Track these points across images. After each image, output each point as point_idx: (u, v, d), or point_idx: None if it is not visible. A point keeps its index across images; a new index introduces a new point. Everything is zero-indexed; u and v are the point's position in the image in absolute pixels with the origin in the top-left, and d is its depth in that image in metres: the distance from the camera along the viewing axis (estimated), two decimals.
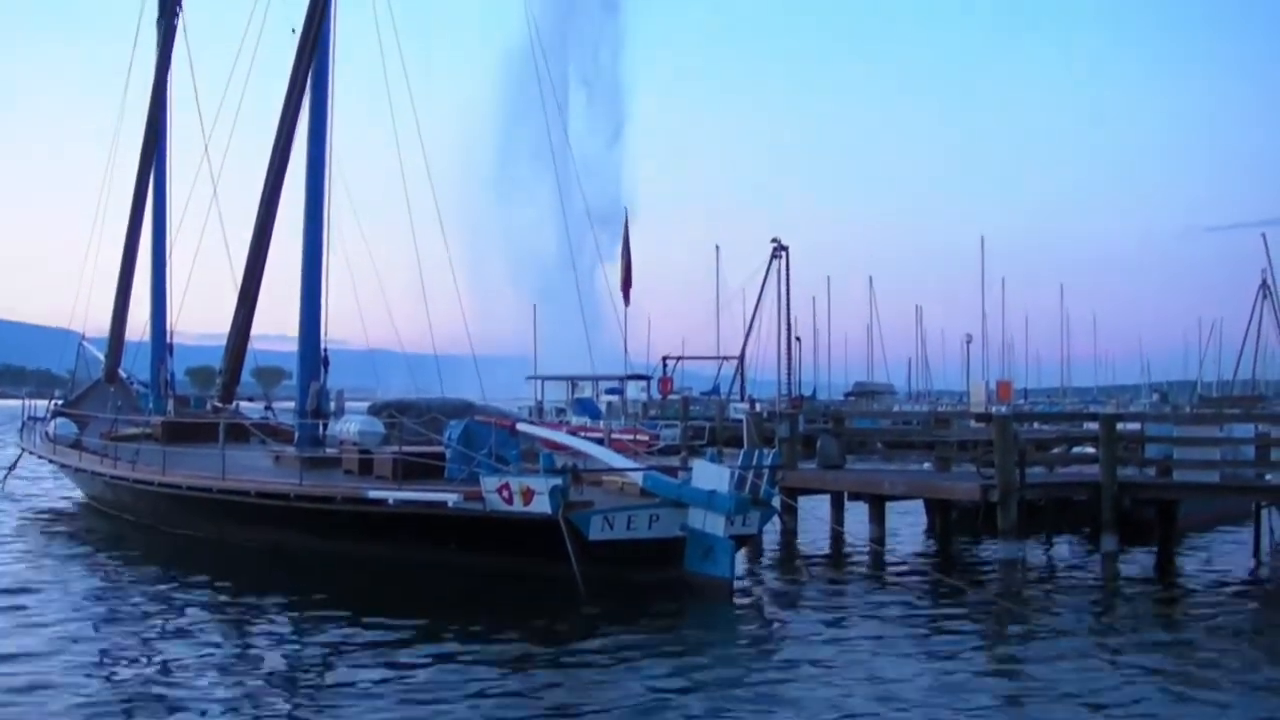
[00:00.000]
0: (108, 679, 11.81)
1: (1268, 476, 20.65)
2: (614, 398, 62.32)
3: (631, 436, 40.28)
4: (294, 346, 24.24)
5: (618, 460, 19.17)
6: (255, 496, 19.16)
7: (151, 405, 31.11)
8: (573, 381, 64.64)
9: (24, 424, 33.33)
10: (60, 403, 34.19)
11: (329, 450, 22.36)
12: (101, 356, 33.07)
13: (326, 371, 23.68)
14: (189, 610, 15.24)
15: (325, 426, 23.47)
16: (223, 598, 16.23)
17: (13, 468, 31.67)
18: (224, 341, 25.65)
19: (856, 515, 22.11)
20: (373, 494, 17.54)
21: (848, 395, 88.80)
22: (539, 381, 67.79)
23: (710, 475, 16.43)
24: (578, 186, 26.32)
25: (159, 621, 14.57)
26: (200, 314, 73.58)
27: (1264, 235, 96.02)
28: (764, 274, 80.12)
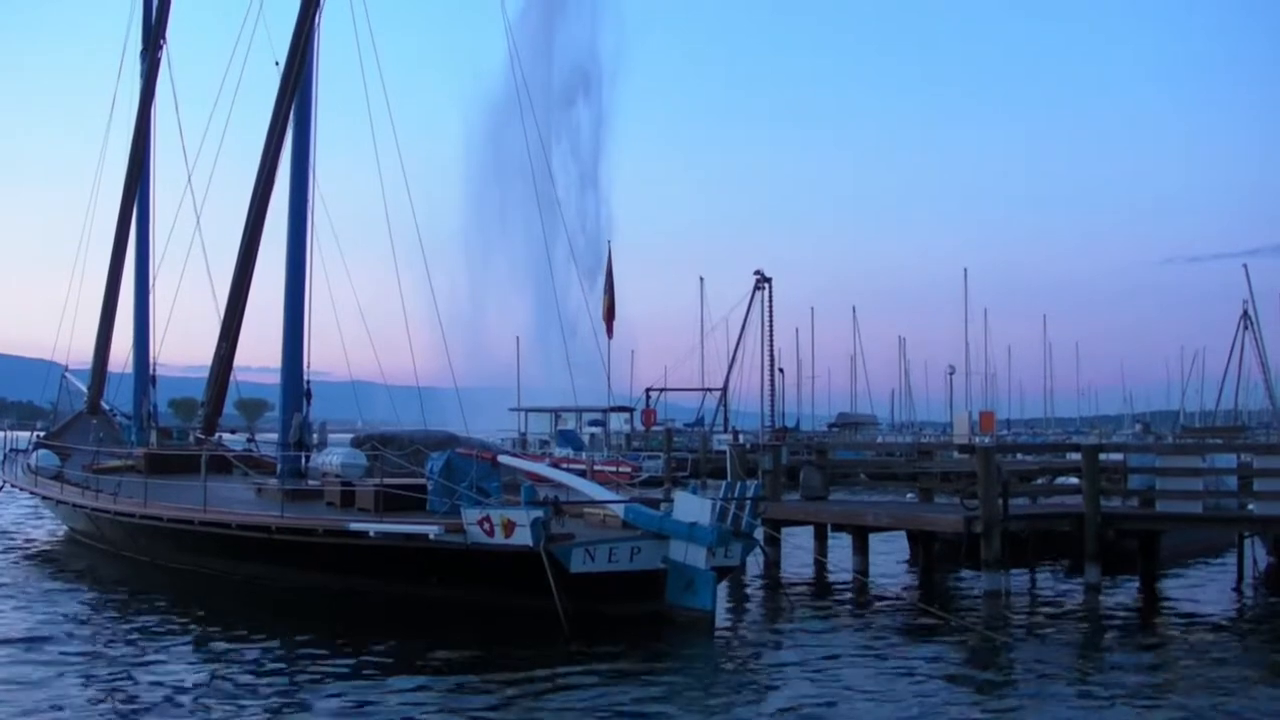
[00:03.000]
0: (86, 711, 11.70)
1: (1250, 506, 20.71)
2: (597, 429, 62.28)
3: (614, 468, 40.21)
4: (277, 378, 24.19)
5: (599, 492, 19.14)
6: (237, 529, 19.07)
7: (134, 437, 31.03)
8: (556, 413, 64.61)
9: (5, 455, 33.15)
10: (42, 434, 34.06)
11: (311, 482, 22.30)
12: (84, 388, 32.98)
13: (309, 403, 23.62)
14: (168, 643, 15.11)
15: (308, 458, 23.41)
16: (203, 630, 16.10)
17: None
18: (207, 373, 25.61)
19: (839, 547, 22.10)
20: (354, 526, 17.45)
21: (831, 426, 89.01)
22: (522, 413, 67.74)
23: (692, 507, 16.40)
24: (562, 225, 26.51)
25: (137, 653, 14.42)
26: (183, 346, 73.72)
27: (1245, 266, 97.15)
28: (747, 305, 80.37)
